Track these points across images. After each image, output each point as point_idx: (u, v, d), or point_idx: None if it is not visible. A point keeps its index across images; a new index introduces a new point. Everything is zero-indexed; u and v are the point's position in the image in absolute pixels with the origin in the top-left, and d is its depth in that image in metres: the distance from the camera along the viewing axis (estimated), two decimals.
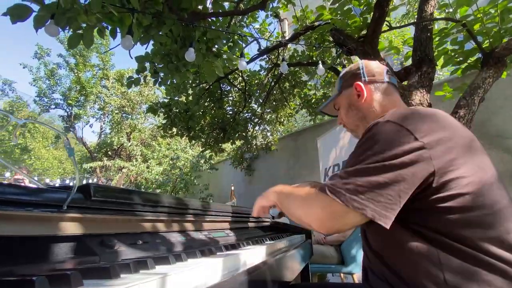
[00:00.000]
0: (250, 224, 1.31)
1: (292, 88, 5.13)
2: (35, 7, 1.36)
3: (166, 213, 0.66)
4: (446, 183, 0.53)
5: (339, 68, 3.35)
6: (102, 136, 12.81)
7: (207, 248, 0.54)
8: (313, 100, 5.16)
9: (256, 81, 5.10)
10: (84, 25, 1.56)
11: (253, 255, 0.63)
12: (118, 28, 1.83)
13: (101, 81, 11.51)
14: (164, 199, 0.67)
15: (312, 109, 5.08)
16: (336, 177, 0.58)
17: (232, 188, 5.46)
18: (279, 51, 4.55)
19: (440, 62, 2.70)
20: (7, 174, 7.83)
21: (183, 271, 0.36)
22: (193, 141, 4.66)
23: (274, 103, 5.47)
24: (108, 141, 11.15)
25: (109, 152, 11.35)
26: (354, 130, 0.82)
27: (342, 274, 2.74)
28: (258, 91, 4.96)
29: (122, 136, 10.49)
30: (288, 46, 4.57)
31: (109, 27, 1.86)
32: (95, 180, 10.66)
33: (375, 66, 0.78)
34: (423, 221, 0.55)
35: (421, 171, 0.52)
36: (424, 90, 2.17)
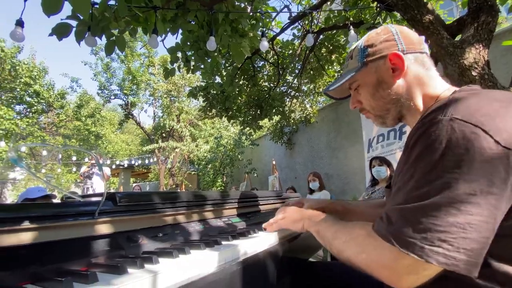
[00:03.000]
0: (278, 205, 1.40)
1: (329, 54, 4.79)
2: (74, 22, 1.55)
3: (184, 207, 0.78)
4: None
5: None
6: (156, 119, 14.07)
7: (212, 240, 0.64)
8: None
9: (289, 52, 4.89)
10: (116, 31, 1.72)
11: (259, 242, 0.71)
12: (146, 27, 1.96)
13: (148, 69, 12.40)
14: (181, 195, 0.79)
15: None
16: (398, 216, 0.42)
17: (274, 162, 5.60)
18: (312, 15, 4.21)
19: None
20: (86, 159, 9.44)
21: (178, 264, 0.46)
22: (232, 121, 4.85)
23: (311, 72, 5.22)
24: (161, 124, 12.24)
25: (164, 134, 12.53)
26: (381, 116, 0.64)
27: None
28: (293, 63, 4.77)
29: (172, 119, 11.41)
30: (324, 7, 4.20)
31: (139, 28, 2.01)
32: (154, 159, 12.03)
33: (411, 32, 0.62)
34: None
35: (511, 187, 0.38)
36: (480, 45, 1.83)
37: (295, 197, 1.62)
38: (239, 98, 4.71)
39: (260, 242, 0.72)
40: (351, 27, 2.21)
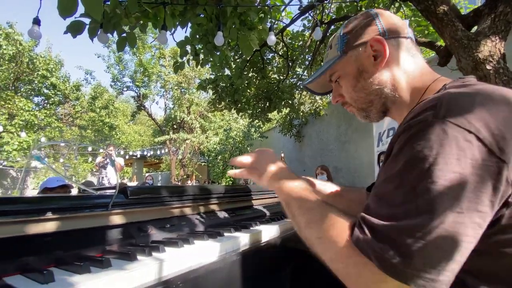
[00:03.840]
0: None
1: None
2: (87, 20, 1.60)
3: (190, 200, 0.83)
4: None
5: None
6: (167, 111, 14.28)
7: (215, 231, 0.69)
8: None
9: (299, 43, 4.82)
10: (126, 28, 1.77)
11: (260, 234, 0.75)
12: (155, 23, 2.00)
13: (159, 61, 12.52)
14: (187, 189, 0.84)
15: None
16: (383, 233, 0.37)
17: (282, 155, 5.62)
18: (323, 5, 4.12)
19: None
20: (101, 150, 9.79)
21: (182, 253, 0.51)
22: (241, 113, 4.88)
23: (322, 63, 5.14)
24: (172, 116, 12.44)
25: (175, 126, 12.73)
26: (364, 109, 0.58)
27: None
28: (302, 54, 4.71)
29: (183, 111, 11.56)
30: None
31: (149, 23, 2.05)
32: (166, 150, 12.28)
33: (393, 15, 0.56)
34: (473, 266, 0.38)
35: (498, 203, 0.36)
36: (497, 37, 1.76)
37: None
38: (248, 90, 4.71)
39: (261, 234, 0.77)
40: None
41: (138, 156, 13.26)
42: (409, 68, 0.54)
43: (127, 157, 12.31)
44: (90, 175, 13.40)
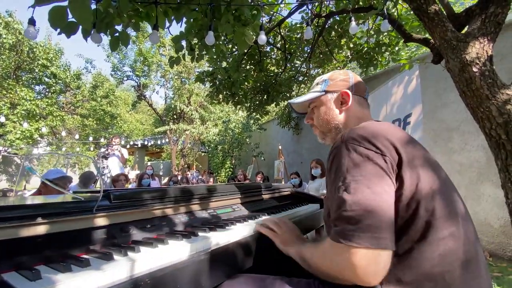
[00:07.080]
0: (265, 196, 1.52)
1: (338, 39, 4.67)
2: None
3: (172, 201, 0.91)
4: (402, 180, 0.61)
5: (394, 15, 2.85)
6: (168, 100, 14.29)
7: (190, 231, 0.77)
8: (364, 49, 4.64)
9: (297, 36, 4.79)
10: (119, 27, 1.80)
11: (233, 234, 0.83)
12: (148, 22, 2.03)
13: (159, 50, 12.41)
14: (169, 191, 0.91)
15: (363, 60, 4.62)
16: (340, 223, 0.58)
17: (280, 147, 5.69)
18: None
19: None
20: (102, 139, 9.91)
21: (155, 253, 0.59)
22: (238, 106, 4.92)
23: (321, 56, 5.12)
24: (172, 106, 12.46)
25: (175, 116, 12.78)
26: (324, 132, 0.87)
27: None
28: (300, 47, 4.69)
29: (183, 101, 11.57)
30: None
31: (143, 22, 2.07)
32: (167, 140, 12.39)
33: (361, 82, 0.86)
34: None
35: (393, 176, 0.60)
36: (485, 39, 1.78)
37: (284, 188, 1.73)
38: (246, 83, 4.73)
39: (234, 234, 0.85)
40: (353, 18, 2.18)
41: (139, 145, 13.39)
42: (359, 114, 0.83)
43: (128, 146, 12.44)
44: (92, 164, 13.56)
